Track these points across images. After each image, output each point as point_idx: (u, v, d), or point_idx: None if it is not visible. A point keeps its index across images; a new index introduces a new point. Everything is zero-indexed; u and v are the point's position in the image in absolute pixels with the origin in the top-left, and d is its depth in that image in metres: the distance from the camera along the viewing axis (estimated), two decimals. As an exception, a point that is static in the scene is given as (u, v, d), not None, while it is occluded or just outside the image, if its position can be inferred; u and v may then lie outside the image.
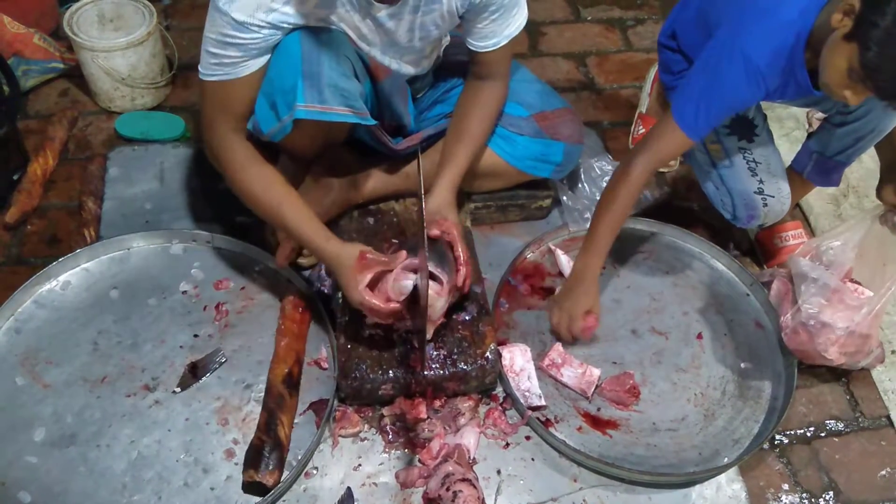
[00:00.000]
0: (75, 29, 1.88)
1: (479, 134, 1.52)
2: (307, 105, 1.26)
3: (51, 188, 1.81)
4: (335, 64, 1.27)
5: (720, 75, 1.36)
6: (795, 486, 1.46)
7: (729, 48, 1.35)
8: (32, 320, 1.53)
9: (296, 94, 1.25)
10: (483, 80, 1.51)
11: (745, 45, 1.33)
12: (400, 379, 1.42)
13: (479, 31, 1.43)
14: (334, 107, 1.28)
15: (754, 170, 1.62)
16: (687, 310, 1.69)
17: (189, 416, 1.42)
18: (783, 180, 1.63)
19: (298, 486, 1.36)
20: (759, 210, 1.64)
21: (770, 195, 1.62)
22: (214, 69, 1.28)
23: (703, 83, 1.39)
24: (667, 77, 1.73)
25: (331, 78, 1.27)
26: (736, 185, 1.64)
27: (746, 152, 1.61)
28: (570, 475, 1.42)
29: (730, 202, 1.67)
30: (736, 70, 1.34)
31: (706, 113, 1.39)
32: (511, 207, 1.79)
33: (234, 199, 1.75)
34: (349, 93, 1.29)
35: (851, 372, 1.62)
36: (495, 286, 1.65)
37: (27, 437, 1.37)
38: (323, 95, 1.26)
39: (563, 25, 2.45)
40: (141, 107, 1.99)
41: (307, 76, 1.25)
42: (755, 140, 1.61)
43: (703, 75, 1.39)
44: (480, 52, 1.46)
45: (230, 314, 1.56)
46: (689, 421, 1.51)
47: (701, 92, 1.39)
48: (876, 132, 1.53)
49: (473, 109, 1.51)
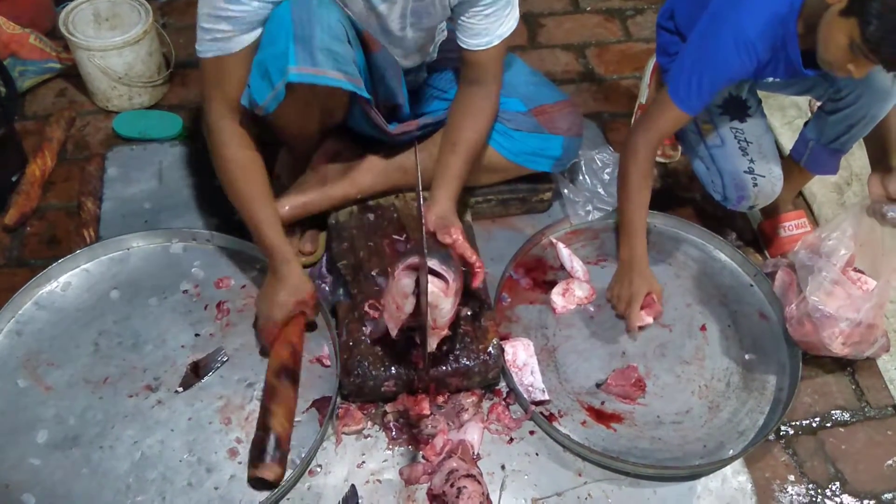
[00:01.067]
0: (71, 28, 1.87)
1: (473, 142, 1.51)
2: (299, 68, 1.25)
3: (49, 189, 1.80)
4: (327, 27, 1.26)
5: (712, 47, 1.39)
6: (801, 477, 1.46)
7: (721, 19, 1.37)
8: (33, 322, 1.52)
9: (287, 57, 1.24)
10: (475, 84, 1.50)
11: (738, 16, 1.35)
12: (402, 375, 1.41)
13: (471, 28, 1.41)
14: (327, 70, 1.26)
15: (745, 149, 1.63)
16: (690, 301, 1.68)
17: (192, 415, 1.41)
18: (775, 162, 1.63)
19: (302, 484, 1.36)
20: (749, 190, 1.63)
21: (760, 175, 1.62)
22: (209, 45, 1.29)
23: (696, 55, 1.42)
24: (664, 59, 1.73)
25: (323, 41, 1.25)
26: (726, 164, 1.64)
27: (738, 132, 1.62)
28: (574, 469, 1.42)
29: (720, 182, 1.67)
30: (726, 40, 1.37)
31: (698, 85, 1.42)
32: (512, 201, 1.78)
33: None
34: (342, 57, 1.28)
35: (856, 362, 1.61)
36: (497, 280, 1.64)
37: (30, 439, 1.36)
38: (315, 58, 1.25)
39: (562, 17, 2.43)
40: (138, 106, 1.99)
41: (299, 39, 1.24)
42: (747, 120, 1.62)
43: (696, 48, 1.42)
44: (472, 52, 1.44)
45: (231, 313, 1.56)
46: (694, 413, 1.50)
47: (693, 64, 1.42)
48: (868, 118, 1.52)
49: (466, 119, 1.50)
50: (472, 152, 1.51)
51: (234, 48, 1.29)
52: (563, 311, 1.63)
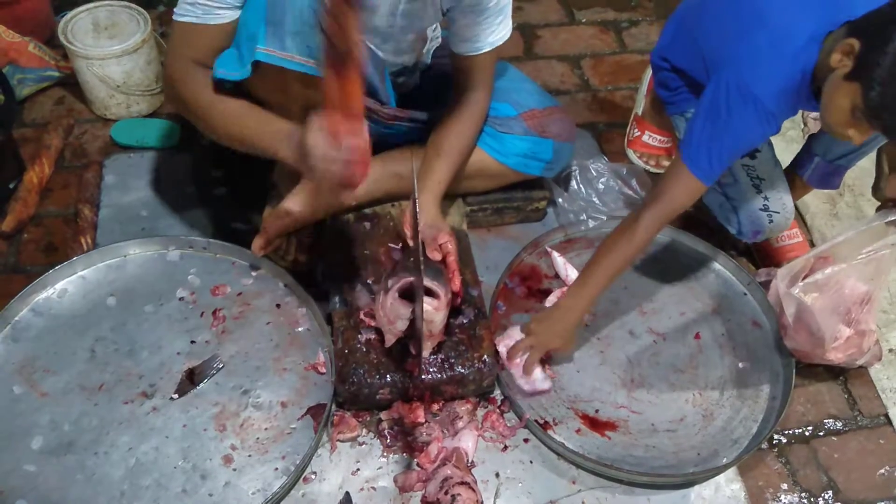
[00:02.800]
0: (70, 37, 1.88)
1: (458, 148, 1.52)
2: (267, 48, 1.27)
3: (47, 196, 1.81)
4: (298, 13, 1.27)
5: (730, 120, 1.33)
6: (794, 486, 1.46)
7: (735, 91, 1.32)
8: (29, 329, 1.53)
9: (257, 39, 1.27)
10: (463, 91, 1.51)
11: (752, 88, 1.31)
12: (398, 383, 1.42)
13: (462, 33, 1.43)
14: (294, 55, 1.28)
15: (758, 186, 1.61)
16: (684, 310, 1.69)
17: (187, 422, 1.41)
18: (787, 194, 1.63)
19: (297, 492, 1.36)
20: (765, 226, 1.64)
21: (775, 211, 1.62)
22: (187, 9, 1.31)
23: (713, 129, 1.35)
24: (664, 93, 1.72)
25: (293, 25, 1.27)
26: (741, 202, 1.64)
27: (750, 169, 1.60)
28: (568, 477, 1.42)
29: (735, 219, 1.67)
30: (747, 114, 1.32)
31: (719, 157, 1.36)
32: (507, 210, 1.79)
33: (230, 205, 1.78)
34: (313, 42, 1.27)
35: (849, 371, 1.62)
36: (492, 289, 1.65)
37: (25, 445, 1.36)
38: (284, 43, 1.27)
39: (557, 28, 2.45)
40: (136, 114, 1.99)
41: (270, 23, 1.27)
42: (758, 156, 1.60)
43: (712, 121, 1.35)
44: (461, 57, 1.46)
45: (227, 320, 1.56)
46: (688, 421, 1.51)
47: (712, 137, 1.35)
48: (879, 138, 1.51)
49: (453, 124, 1.52)
50: (457, 157, 1.52)
51: (209, 21, 1.31)
52: None
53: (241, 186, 1.78)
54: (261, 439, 1.40)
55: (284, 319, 1.57)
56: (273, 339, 1.54)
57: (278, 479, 1.35)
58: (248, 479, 1.35)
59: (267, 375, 1.49)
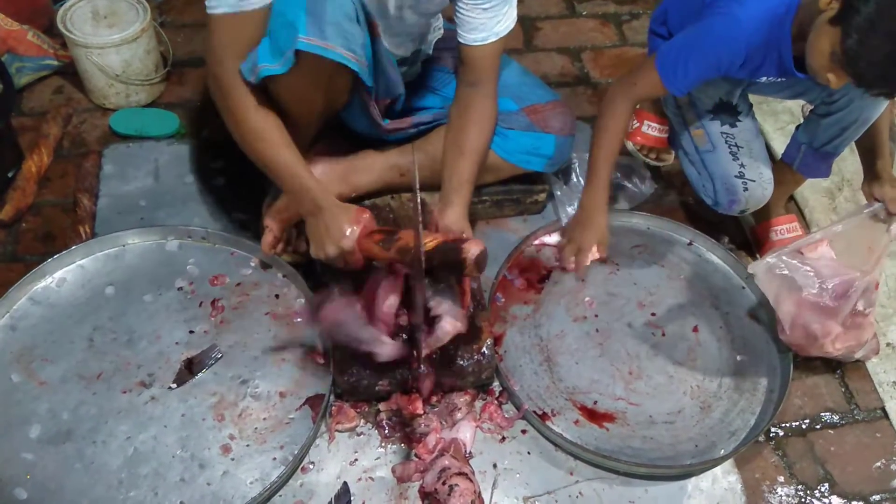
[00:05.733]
0: (69, 26, 1.87)
1: (479, 147, 1.52)
2: (308, 38, 1.24)
3: (45, 185, 1.80)
4: (339, 4, 1.27)
5: (706, 31, 1.44)
6: (791, 479, 1.47)
7: (722, 9, 1.41)
8: (28, 317, 1.52)
9: (297, 27, 1.23)
10: (473, 86, 1.50)
11: (736, 9, 1.39)
12: (396, 375, 1.42)
13: (469, 22, 1.42)
14: (335, 45, 1.26)
15: (735, 154, 1.65)
16: (682, 303, 1.69)
17: (185, 412, 1.41)
18: (765, 165, 1.66)
19: (295, 481, 1.36)
20: (740, 195, 1.65)
21: (750, 179, 1.64)
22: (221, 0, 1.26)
23: (691, 37, 1.47)
24: None
25: (334, 16, 1.25)
26: (717, 168, 1.67)
27: (729, 136, 1.65)
28: (566, 468, 1.42)
29: (711, 187, 1.69)
30: (721, 28, 1.41)
31: (684, 64, 1.46)
32: (506, 202, 1.79)
33: (229, 195, 1.78)
34: (351, 36, 1.28)
35: (846, 364, 1.63)
36: (491, 281, 1.65)
37: (23, 433, 1.36)
38: (325, 32, 1.25)
39: (557, 20, 2.44)
40: (135, 103, 1.99)
41: (311, 12, 1.24)
42: (738, 125, 1.65)
43: (693, 30, 1.47)
44: (469, 47, 1.45)
45: (226, 310, 1.56)
46: (686, 413, 1.51)
47: (684, 43, 1.47)
48: (860, 121, 1.54)
49: (471, 122, 1.51)
50: (480, 155, 1.52)
51: (247, 7, 1.26)
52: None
53: (241, 177, 1.78)
54: (259, 429, 1.40)
55: (283, 310, 1.57)
56: (272, 330, 1.54)
57: (276, 468, 1.35)
58: (246, 469, 1.35)
59: (265, 365, 1.49)
